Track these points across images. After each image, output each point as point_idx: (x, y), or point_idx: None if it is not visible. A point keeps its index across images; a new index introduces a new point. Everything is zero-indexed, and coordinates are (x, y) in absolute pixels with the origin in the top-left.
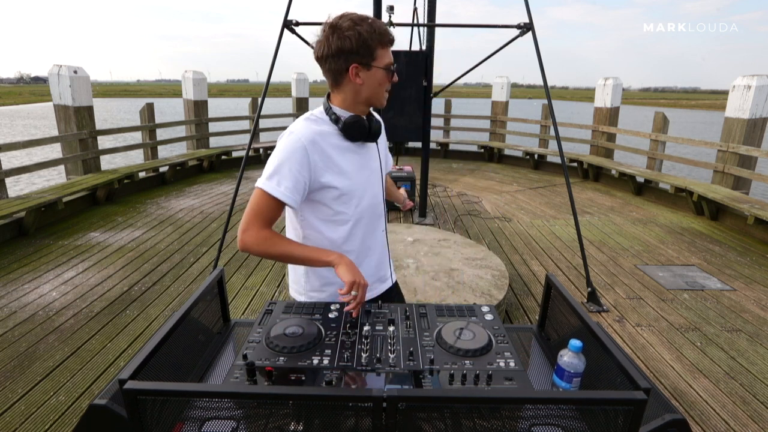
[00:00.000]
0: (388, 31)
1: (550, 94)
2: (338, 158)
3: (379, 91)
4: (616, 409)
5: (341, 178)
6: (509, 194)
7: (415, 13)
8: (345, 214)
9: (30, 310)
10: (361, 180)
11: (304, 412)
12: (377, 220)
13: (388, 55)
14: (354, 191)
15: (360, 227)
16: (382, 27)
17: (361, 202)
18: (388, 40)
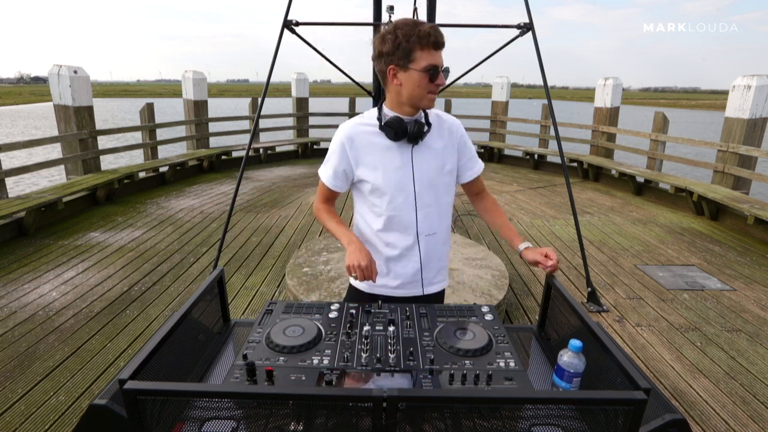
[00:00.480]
0: (432, 34)
1: (550, 94)
2: (375, 155)
3: (418, 92)
4: (616, 409)
5: (373, 173)
6: (509, 194)
7: (415, 13)
8: (379, 208)
9: (30, 310)
10: (395, 179)
11: (304, 412)
12: (419, 223)
13: (430, 57)
14: (385, 187)
15: (395, 224)
16: (425, 30)
17: (394, 201)
18: (429, 42)
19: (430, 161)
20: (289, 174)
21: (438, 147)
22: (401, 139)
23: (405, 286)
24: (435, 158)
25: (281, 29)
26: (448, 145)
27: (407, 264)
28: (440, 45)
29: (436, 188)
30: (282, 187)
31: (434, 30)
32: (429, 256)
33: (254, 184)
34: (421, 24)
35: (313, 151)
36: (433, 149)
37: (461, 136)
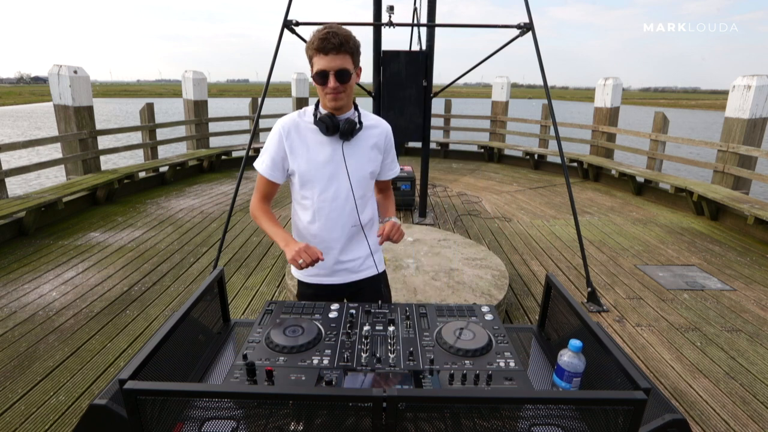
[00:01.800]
0: (317, 39)
1: (550, 94)
2: (308, 146)
3: (320, 95)
4: (616, 409)
5: (304, 164)
6: (509, 194)
7: (415, 13)
8: (308, 200)
9: (30, 310)
10: (325, 172)
11: (304, 412)
12: (345, 215)
13: (319, 62)
14: (314, 180)
15: (322, 216)
16: (318, 34)
17: (324, 193)
18: (317, 48)
19: (360, 157)
20: None
21: (368, 145)
22: (333, 135)
23: (337, 273)
24: (365, 155)
25: (281, 29)
26: (377, 144)
27: (334, 253)
28: (327, 49)
29: (366, 182)
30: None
31: (323, 34)
32: (353, 246)
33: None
34: (324, 28)
35: None
36: (363, 147)
37: (388, 139)
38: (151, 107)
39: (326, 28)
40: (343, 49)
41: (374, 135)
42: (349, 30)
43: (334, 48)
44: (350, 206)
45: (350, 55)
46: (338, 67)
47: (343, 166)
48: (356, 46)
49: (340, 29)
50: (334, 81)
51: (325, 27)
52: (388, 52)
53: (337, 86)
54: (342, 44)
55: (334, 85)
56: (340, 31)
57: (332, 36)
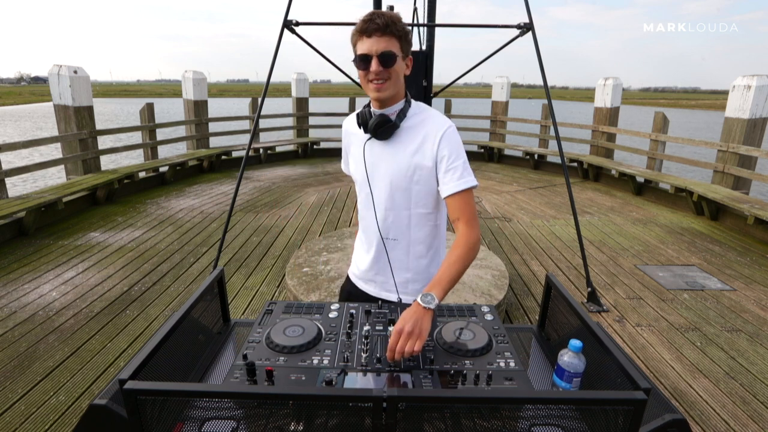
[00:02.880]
0: (365, 19)
1: (550, 94)
2: (354, 146)
3: (363, 84)
4: (616, 409)
5: (351, 164)
6: (509, 194)
7: (415, 13)
8: (360, 199)
9: (30, 310)
10: (357, 174)
11: (304, 412)
12: (374, 226)
13: (361, 46)
14: (355, 182)
15: (361, 218)
16: (364, 17)
17: (359, 194)
18: (358, 30)
19: (392, 161)
20: (289, 174)
21: (409, 148)
22: (366, 132)
23: (369, 282)
24: (396, 158)
25: (281, 29)
26: (422, 150)
27: (373, 264)
28: (370, 31)
29: (400, 191)
30: (282, 187)
31: (368, 15)
32: (392, 263)
33: (254, 184)
34: (372, 14)
35: (313, 151)
36: (400, 151)
37: (443, 141)
38: (151, 107)
39: (374, 13)
40: (389, 31)
41: (419, 136)
42: (399, 17)
43: (378, 29)
44: (382, 214)
45: (397, 39)
46: (383, 49)
47: (364, 167)
48: (405, 31)
49: (388, 12)
50: (377, 64)
51: (370, 13)
52: None
53: (380, 70)
54: (387, 25)
55: (376, 69)
56: (387, 12)
57: (377, 17)
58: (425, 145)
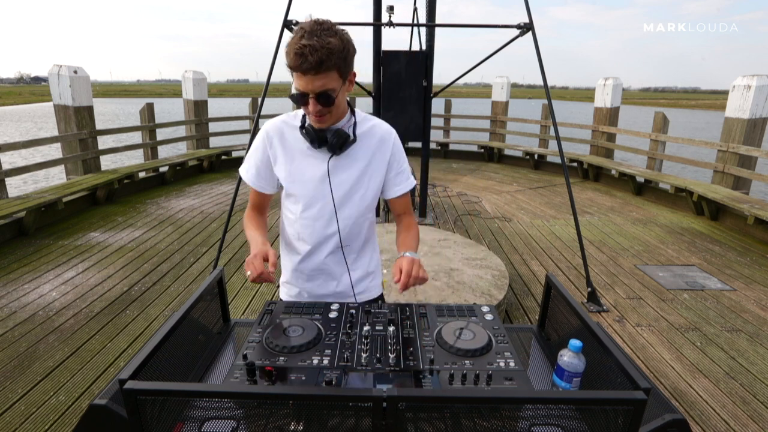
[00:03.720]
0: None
1: (550, 94)
2: (292, 156)
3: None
4: (616, 409)
5: (287, 176)
6: (509, 194)
7: (415, 13)
8: (293, 214)
9: (30, 310)
10: (309, 188)
11: (304, 412)
12: (329, 237)
13: (298, 81)
14: (298, 195)
15: (306, 235)
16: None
17: (306, 211)
18: (292, 66)
19: (351, 173)
20: None
21: (363, 158)
22: (320, 148)
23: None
24: (358, 168)
25: (281, 29)
26: (377, 156)
27: (322, 276)
28: (303, 70)
29: (359, 200)
30: None
31: (298, 47)
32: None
33: None
34: (299, 38)
35: None
36: (356, 160)
37: (394, 147)
38: (151, 107)
39: (303, 35)
40: (325, 68)
41: (372, 145)
42: (336, 32)
43: (312, 68)
44: (331, 229)
45: (336, 70)
46: (319, 89)
47: (329, 184)
48: (343, 56)
49: (322, 38)
50: (314, 105)
51: (302, 32)
52: (388, 52)
53: (318, 109)
54: (322, 62)
55: (315, 109)
56: (321, 41)
57: (310, 52)
58: (378, 153)
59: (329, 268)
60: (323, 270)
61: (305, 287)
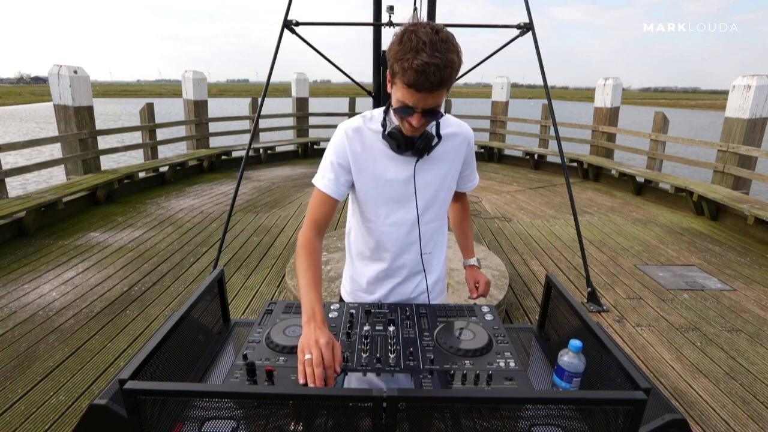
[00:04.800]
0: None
1: (550, 94)
2: (374, 160)
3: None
4: (616, 409)
5: (370, 182)
6: (509, 194)
7: (415, 13)
8: (372, 223)
9: (30, 310)
10: (393, 193)
11: (304, 412)
12: (412, 243)
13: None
14: (379, 202)
15: (390, 243)
16: (415, 62)
17: (389, 217)
18: (409, 83)
19: (435, 175)
20: (289, 174)
21: (446, 159)
22: (405, 152)
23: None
24: (441, 171)
25: (281, 29)
26: (457, 156)
27: (393, 281)
28: (420, 88)
29: (439, 202)
30: (282, 187)
31: (421, 64)
32: (418, 276)
33: (254, 184)
34: (420, 52)
35: (313, 151)
36: (439, 161)
37: (470, 148)
38: (151, 107)
39: (423, 48)
40: (443, 86)
41: (455, 146)
42: (455, 45)
43: (432, 88)
44: (424, 230)
45: (447, 87)
46: (430, 105)
47: (414, 188)
48: (457, 71)
49: (444, 55)
50: (420, 120)
51: (419, 42)
52: None
53: (423, 123)
54: (444, 82)
55: (418, 123)
56: (444, 59)
57: (434, 72)
58: (458, 153)
59: (408, 274)
60: (402, 276)
61: (378, 294)
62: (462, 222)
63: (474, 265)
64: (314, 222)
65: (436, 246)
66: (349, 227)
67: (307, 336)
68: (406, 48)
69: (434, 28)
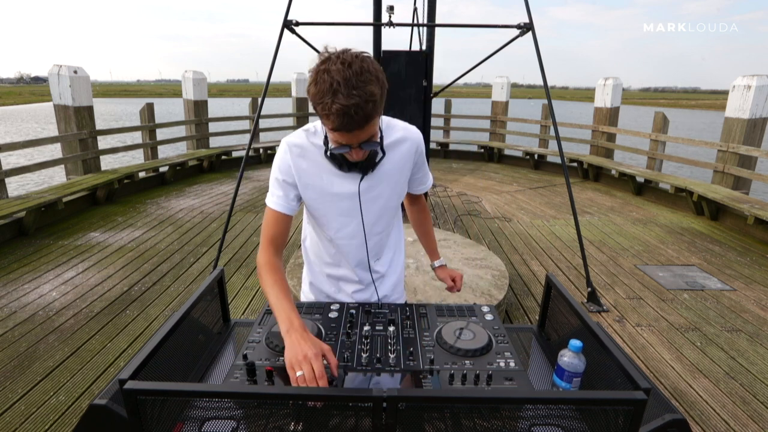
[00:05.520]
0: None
1: (550, 94)
2: (320, 175)
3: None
4: (616, 409)
5: (316, 196)
6: (509, 194)
7: (415, 13)
8: (325, 234)
9: (30, 310)
10: (341, 207)
11: (304, 412)
12: (365, 253)
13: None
14: (328, 215)
15: (342, 253)
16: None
17: (341, 231)
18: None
19: (384, 188)
20: None
21: (393, 169)
22: (350, 170)
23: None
24: (389, 183)
25: (281, 29)
26: (406, 164)
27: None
28: (351, 129)
29: (388, 212)
30: None
31: (342, 108)
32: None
33: (254, 184)
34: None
35: None
36: (386, 173)
37: (418, 153)
38: (151, 107)
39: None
40: (370, 120)
41: (402, 153)
42: (373, 74)
43: (360, 125)
44: (371, 244)
45: (378, 114)
46: (365, 138)
47: (359, 204)
48: (382, 95)
49: (362, 90)
50: (358, 153)
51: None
52: (388, 52)
53: (362, 154)
54: (369, 117)
55: (359, 156)
56: (363, 94)
57: (355, 112)
58: (407, 160)
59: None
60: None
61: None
62: (423, 225)
63: (443, 264)
64: (270, 240)
65: (393, 249)
66: (305, 234)
67: (294, 350)
68: (321, 90)
69: (346, 62)
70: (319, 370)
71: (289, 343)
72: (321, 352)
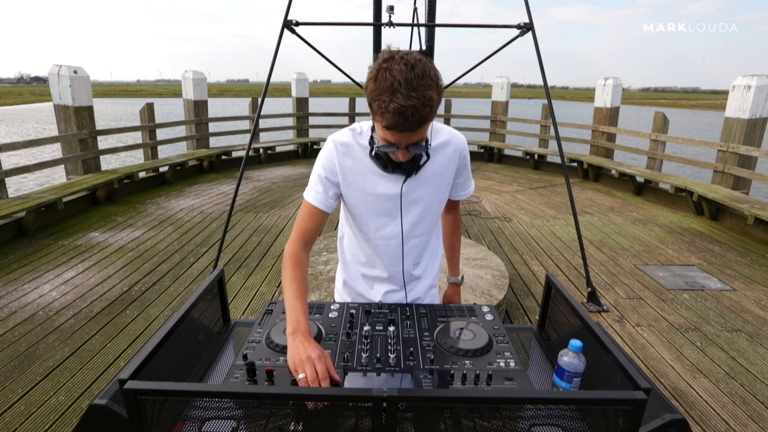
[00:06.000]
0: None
1: (550, 94)
2: (363, 174)
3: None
4: (616, 409)
5: (359, 196)
6: (509, 194)
7: (415, 13)
8: (365, 234)
9: (30, 310)
10: (383, 208)
11: (304, 412)
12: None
13: (387, 133)
14: (369, 215)
15: (381, 254)
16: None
17: (380, 231)
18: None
19: (426, 191)
20: (289, 174)
21: (437, 173)
22: (394, 172)
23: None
24: (431, 186)
25: (281, 29)
26: (449, 168)
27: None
28: (400, 128)
29: (432, 214)
30: (282, 187)
31: (401, 111)
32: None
33: (254, 184)
34: (395, 93)
35: (313, 151)
36: (430, 177)
37: (463, 157)
38: (151, 107)
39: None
40: (424, 124)
41: (446, 157)
42: (434, 79)
43: (413, 127)
44: (408, 247)
45: (431, 118)
46: (414, 140)
47: (399, 205)
48: (439, 104)
49: (422, 93)
50: (404, 154)
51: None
52: None
53: (408, 156)
54: (424, 120)
55: (404, 158)
56: (422, 97)
57: (412, 113)
58: (451, 164)
59: (402, 281)
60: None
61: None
62: (451, 237)
63: (456, 283)
64: (302, 234)
65: (431, 254)
66: (342, 233)
67: (297, 352)
68: (381, 87)
69: (409, 63)
70: (322, 372)
71: (292, 345)
72: (323, 354)
